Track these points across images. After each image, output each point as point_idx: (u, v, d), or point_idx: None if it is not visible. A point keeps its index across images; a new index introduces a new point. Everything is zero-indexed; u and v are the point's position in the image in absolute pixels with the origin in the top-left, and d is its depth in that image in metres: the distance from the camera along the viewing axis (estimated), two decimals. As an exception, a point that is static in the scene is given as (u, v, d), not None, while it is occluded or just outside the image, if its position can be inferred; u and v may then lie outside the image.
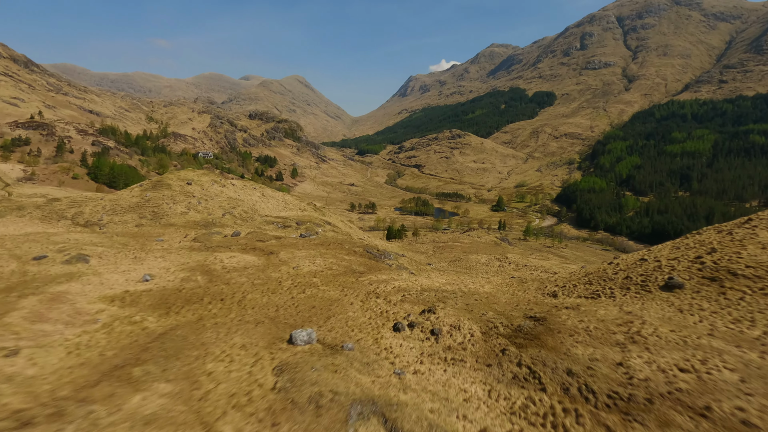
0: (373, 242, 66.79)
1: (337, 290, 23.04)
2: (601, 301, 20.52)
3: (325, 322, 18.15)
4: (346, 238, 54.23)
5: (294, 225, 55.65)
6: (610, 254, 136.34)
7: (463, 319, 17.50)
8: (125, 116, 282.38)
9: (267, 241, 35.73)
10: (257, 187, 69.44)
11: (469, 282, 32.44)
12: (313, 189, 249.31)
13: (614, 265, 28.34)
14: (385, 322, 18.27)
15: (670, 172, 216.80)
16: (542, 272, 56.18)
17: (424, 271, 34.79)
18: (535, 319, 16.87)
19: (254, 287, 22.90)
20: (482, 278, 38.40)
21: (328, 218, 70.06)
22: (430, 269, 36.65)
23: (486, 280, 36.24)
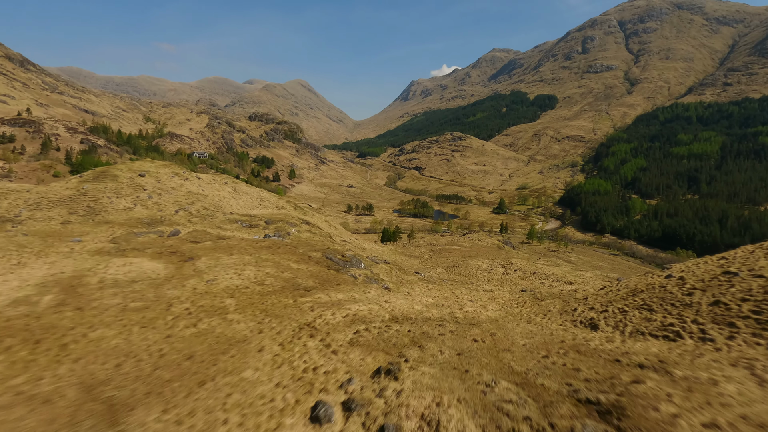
0: (354, 245, 58.01)
1: (253, 321, 14.22)
2: (694, 350, 11.59)
3: (184, 399, 9.32)
4: (322, 240, 45.55)
5: (262, 224, 47.01)
6: (619, 259, 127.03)
7: (449, 398, 8.66)
8: (122, 116, 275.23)
9: (202, 243, 26.96)
10: (229, 182, 60.84)
11: (465, 300, 23.57)
12: (311, 190, 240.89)
13: (677, 280, 19.45)
14: (302, 397, 9.43)
15: (677, 175, 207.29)
16: (554, 281, 47.21)
17: (407, 283, 25.91)
18: (601, 412, 7.88)
19: (120, 315, 14.11)
20: (484, 292, 29.63)
21: (309, 217, 61.35)
22: (416, 280, 27.73)
23: (489, 296, 27.34)
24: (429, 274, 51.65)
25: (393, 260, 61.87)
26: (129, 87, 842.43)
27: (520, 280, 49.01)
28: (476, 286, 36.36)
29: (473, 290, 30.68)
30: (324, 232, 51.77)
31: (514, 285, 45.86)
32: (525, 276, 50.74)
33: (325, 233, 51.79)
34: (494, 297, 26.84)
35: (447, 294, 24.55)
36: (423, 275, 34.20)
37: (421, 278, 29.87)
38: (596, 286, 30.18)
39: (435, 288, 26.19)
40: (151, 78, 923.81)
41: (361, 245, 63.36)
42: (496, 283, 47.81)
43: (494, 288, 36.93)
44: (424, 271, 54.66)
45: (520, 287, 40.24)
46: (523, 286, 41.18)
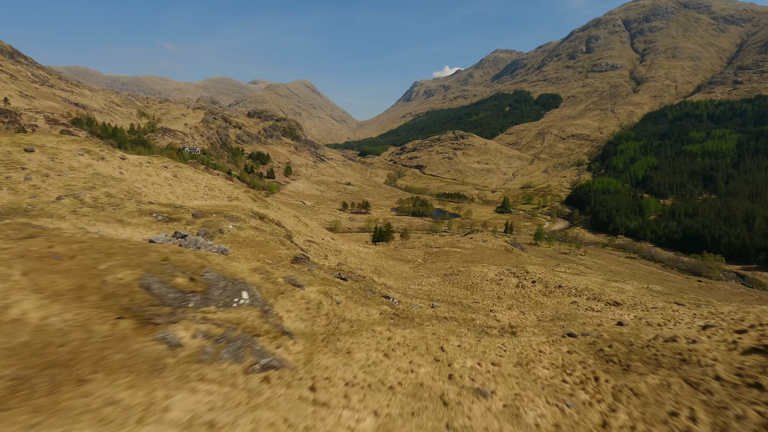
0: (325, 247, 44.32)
1: None
2: None
3: None
4: (267, 240, 32.07)
5: (188, 218, 33.66)
6: (637, 263, 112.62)
7: None
8: (115, 110, 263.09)
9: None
10: (171, 167, 47.38)
11: (465, 370, 10.06)
12: (307, 187, 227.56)
13: None
14: None
15: (692, 173, 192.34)
16: (591, 300, 33.28)
17: (346, 336, 12.15)
18: None
19: None
20: (500, 341, 15.84)
21: (269, 212, 47.79)
22: (372, 322, 13.99)
23: (514, 354, 13.62)
24: (417, 286, 37.95)
25: (376, 266, 48.27)
26: (134, 86, 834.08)
27: (541, 296, 35.14)
28: (485, 317, 22.52)
29: (481, 333, 16.94)
30: (279, 230, 38.19)
31: (535, 306, 32.03)
32: (548, 291, 36.86)
33: (281, 231, 38.20)
34: (525, 359, 13.18)
35: (426, 364, 10.93)
36: (395, 301, 20.38)
37: (387, 313, 16.05)
38: (690, 323, 16.62)
39: (405, 344, 12.46)
40: (156, 77, 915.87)
41: (337, 247, 49.72)
42: (509, 301, 34.01)
43: (513, 319, 23.13)
44: (411, 282, 40.93)
45: (549, 315, 26.40)
46: (554, 314, 27.33)
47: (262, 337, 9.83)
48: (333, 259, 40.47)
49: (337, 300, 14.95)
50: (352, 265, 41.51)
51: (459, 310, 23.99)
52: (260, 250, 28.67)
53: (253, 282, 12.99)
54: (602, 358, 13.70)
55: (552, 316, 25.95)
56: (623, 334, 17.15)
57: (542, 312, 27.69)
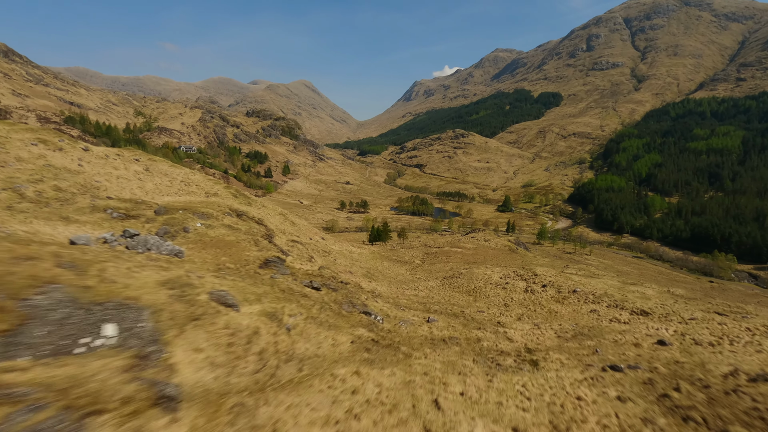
0: (313, 248, 39.83)
1: None
2: None
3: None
4: (239, 240, 27.72)
5: (149, 214, 29.25)
6: (645, 263, 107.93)
7: None
8: (111, 109, 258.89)
9: None
10: (143, 160, 42.95)
11: None
12: (305, 187, 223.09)
13: None
14: None
15: (697, 170, 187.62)
16: (613, 308, 28.78)
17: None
18: None
19: None
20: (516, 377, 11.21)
21: (251, 209, 43.37)
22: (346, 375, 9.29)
23: (544, 415, 9.19)
24: (413, 292, 33.45)
25: (369, 268, 43.83)
26: (135, 87, 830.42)
27: (555, 303, 30.62)
28: (494, 335, 18.05)
29: (491, 365, 12.51)
30: (257, 229, 33.73)
31: (549, 315, 27.52)
32: (562, 297, 32.33)
33: (259, 230, 33.73)
34: (560, 416, 8.77)
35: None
36: (379, 319, 15.90)
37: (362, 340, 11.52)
38: (752, 342, 12.30)
39: (379, 400, 8.07)
40: (157, 78, 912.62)
41: (326, 248, 45.26)
42: (518, 309, 29.50)
43: (528, 337, 18.69)
44: (407, 287, 36.42)
45: (569, 329, 21.89)
46: (574, 327, 22.86)
47: (107, 416, 5.35)
48: (319, 261, 36.01)
49: (288, 325, 10.48)
50: (340, 267, 37.03)
51: (461, 325, 19.51)
52: (226, 252, 24.24)
53: (151, 304, 8.53)
54: (675, 412, 9.20)
55: (573, 330, 21.47)
56: (685, 367, 12.64)
57: (560, 325, 23.18)
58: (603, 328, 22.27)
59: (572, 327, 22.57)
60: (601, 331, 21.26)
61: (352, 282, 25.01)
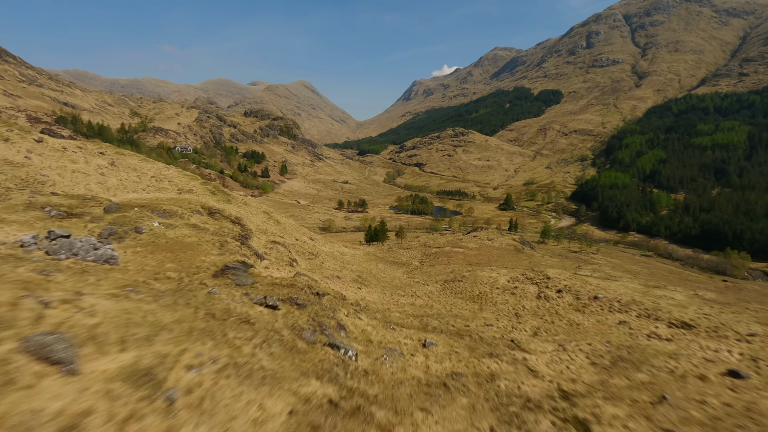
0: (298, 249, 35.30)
1: None
2: None
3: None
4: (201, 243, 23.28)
5: (96, 212, 24.74)
6: (654, 261, 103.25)
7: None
8: (107, 110, 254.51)
9: None
10: (109, 153, 38.42)
11: None
12: (302, 186, 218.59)
13: None
14: None
15: (702, 166, 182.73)
16: (646, 318, 24.21)
17: None
18: None
19: None
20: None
21: (233, 207, 38.87)
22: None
23: None
24: (409, 299, 28.94)
25: (362, 272, 39.33)
26: (134, 88, 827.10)
27: (574, 313, 26.07)
28: (512, 367, 13.48)
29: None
30: (229, 229, 29.19)
31: (571, 329, 22.98)
32: (582, 304, 27.75)
33: (232, 230, 29.18)
34: None
35: None
36: (351, 355, 11.27)
37: (311, 407, 6.88)
38: None
39: None
40: (156, 80, 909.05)
41: (314, 249, 40.75)
42: (532, 320, 24.94)
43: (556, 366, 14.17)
44: (403, 292, 31.95)
45: (603, 351, 17.36)
46: (608, 348, 18.31)
47: None
48: (302, 265, 31.47)
49: (172, 392, 5.94)
50: (327, 271, 32.45)
51: (467, 350, 14.96)
52: (177, 257, 19.72)
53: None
54: None
55: (608, 353, 16.92)
56: None
57: (590, 344, 18.62)
58: (644, 348, 17.71)
59: (605, 347, 18.02)
60: (644, 354, 16.71)
61: (333, 292, 20.43)
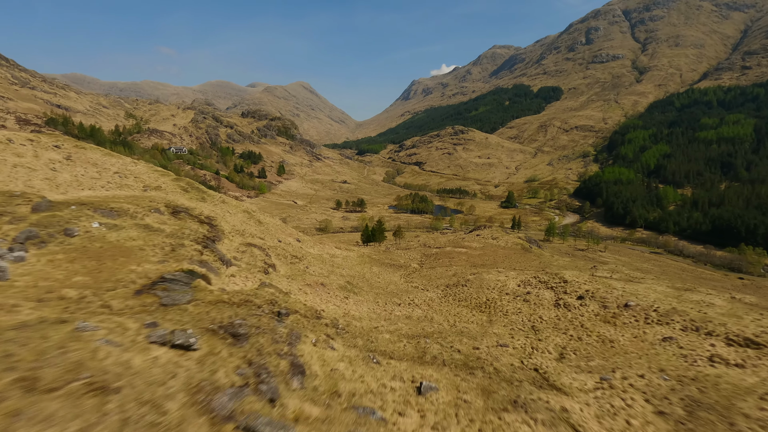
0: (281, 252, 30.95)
1: None
2: None
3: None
4: (142, 245, 18.80)
5: (22, 212, 20.24)
6: (665, 259, 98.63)
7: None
8: (101, 112, 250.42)
9: None
10: (66, 146, 34.02)
11: None
12: (300, 187, 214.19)
13: None
14: None
15: (708, 160, 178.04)
16: (720, 343, 19.68)
17: None
18: None
19: None
20: None
21: (207, 206, 34.42)
22: None
23: None
24: (405, 311, 24.57)
25: (353, 276, 34.98)
26: (132, 92, 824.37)
27: (605, 326, 21.56)
28: (549, 428, 8.88)
29: None
30: (192, 231, 24.72)
31: (604, 348, 18.50)
32: (610, 314, 23.21)
33: (194, 232, 24.70)
34: None
35: None
36: None
37: None
38: None
39: None
40: (155, 83, 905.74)
41: (299, 252, 36.26)
42: (554, 336, 20.45)
43: (610, 425, 9.54)
44: (399, 300, 27.54)
45: (665, 390, 12.81)
46: (668, 384, 13.66)
47: None
48: (282, 270, 27.07)
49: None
50: (310, 277, 27.98)
51: (480, 398, 10.52)
52: (102, 266, 15.27)
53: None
54: None
55: (674, 393, 12.45)
56: None
57: (641, 375, 14.12)
58: (716, 383, 13.21)
59: (664, 380, 13.53)
60: (722, 393, 12.20)
61: (305, 308, 15.94)
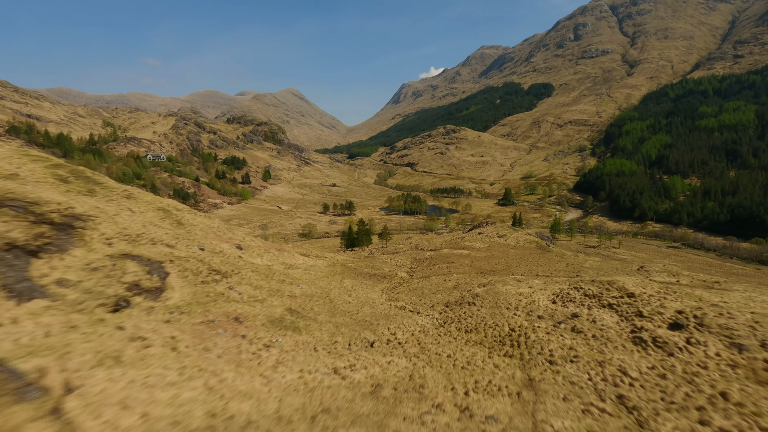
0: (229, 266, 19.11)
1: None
2: None
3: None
4: None
5: None
6: (685, 253, 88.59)
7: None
8: (77, 121, 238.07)
9: None
10: None
11: None
12: (287, 191, 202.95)
13: None
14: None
15: (712, 149, 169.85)
16: None
17: None
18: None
19: None
20: None
21: (96, 201, 23.38)
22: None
23: None
24: (383, 358, 13.22)
25: (311, 296, 23.87)
26: (119, 104, 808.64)
27: None
28: None
29: None
30: None
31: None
32: (749, 359, 12.26)
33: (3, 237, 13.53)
34: None
35: None
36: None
37: None
38: None
39: None
40: (142, 94, 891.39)
41: (232, 262, 25.18)
42: (665, 423, 9.62)
43: None
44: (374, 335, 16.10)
45: None
46: None
47: None
48: (176, 296, 15.85)
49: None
50: (226, 305, 16.80)
51: None
52: None
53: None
54: None
55: None
56: None
57: None
58: None
59: None
60: None
61: None
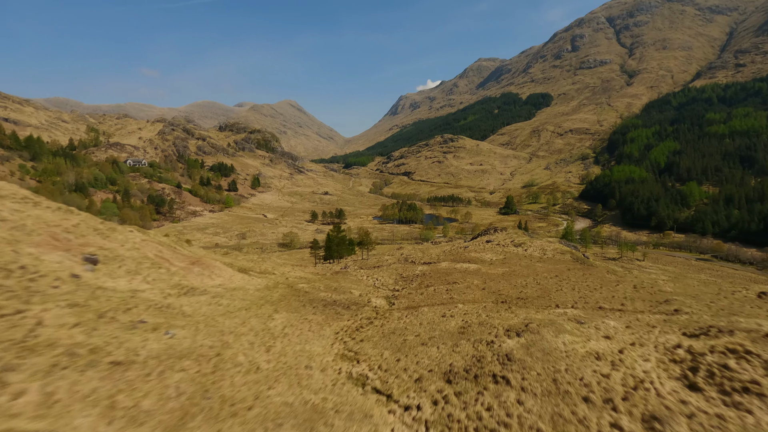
0: None
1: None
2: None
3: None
4: None
5: None
6: (725, 268, 76.83)
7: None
8: (59, 126, 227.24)
9: None
10: None
11: None
12: (276, 199, 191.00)
13: None
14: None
15: (726, 155, 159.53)
16: None
17: None
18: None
19: None
20: None
21: None
22: None
23: None
24: None
25: (199, 346, 10.17)
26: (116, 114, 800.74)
27: None
28: None
29: None
30: None
31: None
32: None
33: None
34: None
35: None
36: None
37: None
38: None
39: None
40: (140, 104, 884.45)
41: (92, 283, 13.07)
42: None
43: None
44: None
45: None
46: None
47: None
48: None
49: None
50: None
51: None
52: None
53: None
54: None
55: None
56: None
57: None
58: None
59: None
60: None
61: None
